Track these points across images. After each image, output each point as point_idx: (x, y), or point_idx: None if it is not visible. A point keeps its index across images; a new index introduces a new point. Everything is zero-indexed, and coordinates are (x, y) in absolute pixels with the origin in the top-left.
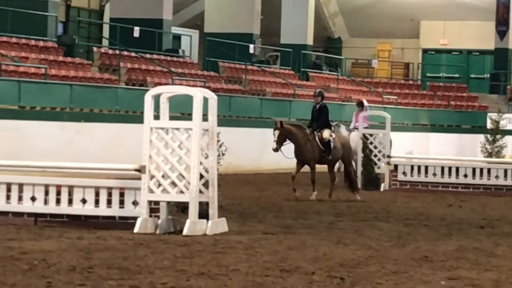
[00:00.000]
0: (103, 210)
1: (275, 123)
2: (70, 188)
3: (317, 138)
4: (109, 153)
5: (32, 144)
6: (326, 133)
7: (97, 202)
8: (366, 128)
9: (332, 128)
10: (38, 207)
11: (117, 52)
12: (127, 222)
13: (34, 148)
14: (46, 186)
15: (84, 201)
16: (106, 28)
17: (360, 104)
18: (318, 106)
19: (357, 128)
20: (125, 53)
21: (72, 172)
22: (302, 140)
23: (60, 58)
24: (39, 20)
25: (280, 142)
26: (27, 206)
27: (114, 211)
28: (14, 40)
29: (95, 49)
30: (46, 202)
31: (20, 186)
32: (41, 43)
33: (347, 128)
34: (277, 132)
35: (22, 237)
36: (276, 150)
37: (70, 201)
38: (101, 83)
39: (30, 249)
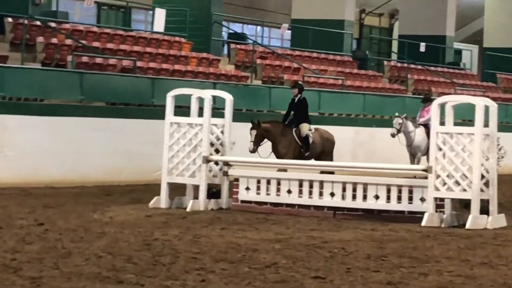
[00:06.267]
0: (394, 205)
1: (251, 122)
2: (365, 186)
3: (294, 134)
4: (391, 154)
5: None
6: (304, 128)
7: (388, 198)
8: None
9: (400, 121)
10: (337, 201)
11: (405, 65)
12: (415, 217)
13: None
14: (344, 184)
15: (377, 197)
16: (395, 43)
17: (427, 100)
18: (296, 99)
19: (423, 124)
20: (412, 66)
21: (366, 171)
22: (277, 136)
23: (355, 71)
24: (336, 37)
25: (257, 143)
26: (326, 201)
27: (404, 206)
28: (314, 55)
29: (385, 62)
30: (343, 197)
31: (321, 183)
32: (338, 58)
33: (413, 124)
34: (254, 132)
35: (322, 228)
36: (253, 151)
37: (364, 197)
38: (391, 93)
39: (330, 238)
